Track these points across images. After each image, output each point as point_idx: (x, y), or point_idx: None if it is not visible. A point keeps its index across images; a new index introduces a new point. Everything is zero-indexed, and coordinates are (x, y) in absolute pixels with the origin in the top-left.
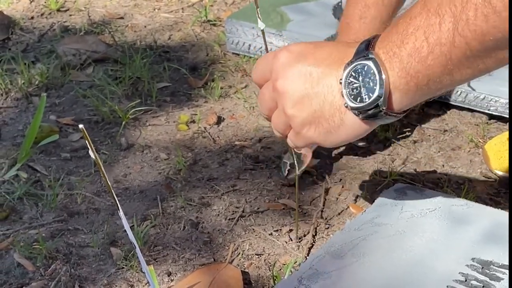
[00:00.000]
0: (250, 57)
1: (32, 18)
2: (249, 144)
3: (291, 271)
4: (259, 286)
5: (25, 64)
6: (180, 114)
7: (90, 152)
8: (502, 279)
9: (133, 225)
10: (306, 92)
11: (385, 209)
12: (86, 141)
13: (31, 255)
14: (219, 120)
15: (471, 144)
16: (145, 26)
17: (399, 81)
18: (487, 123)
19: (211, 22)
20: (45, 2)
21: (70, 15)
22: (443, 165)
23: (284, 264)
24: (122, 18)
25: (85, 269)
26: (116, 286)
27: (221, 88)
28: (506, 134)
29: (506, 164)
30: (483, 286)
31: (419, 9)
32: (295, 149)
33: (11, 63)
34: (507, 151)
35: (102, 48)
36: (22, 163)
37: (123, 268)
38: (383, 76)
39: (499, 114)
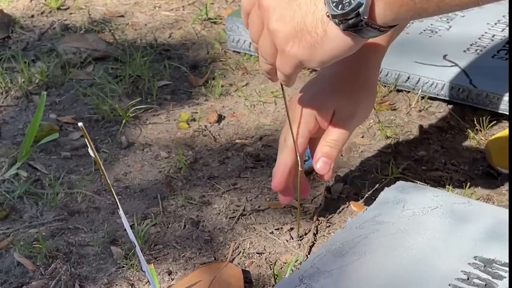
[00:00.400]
0: (251, 55)
1: (32, 16)
2: (250, 142)
3: (292, 269)
4: (260, 285)
5: (25, 62)
6: (181, 113)
7: (90, 151)
8: (505, 277)
9: (134, 224)
10: (288, 4)
11: (386, 207)
12: (86, 139)
13: (31, 254)
14: (220, 118)
15: (473, 141)
16: (145, 24)
17: None
18: (489, 120)
19: (211, 20)
20: (45, 1)
21: (71, 14)
22: (445, 163)
23: (285, 263)
24: (122, 16)
25: (86, 268)
26: (116, 285)
27: (222, 86)
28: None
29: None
30: (485, 285)
31: None
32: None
33: (11, 61)
34: None
35: (102, 46)
36: (22, 162)
37: (123, 267)
38: None
39: (502, 112)
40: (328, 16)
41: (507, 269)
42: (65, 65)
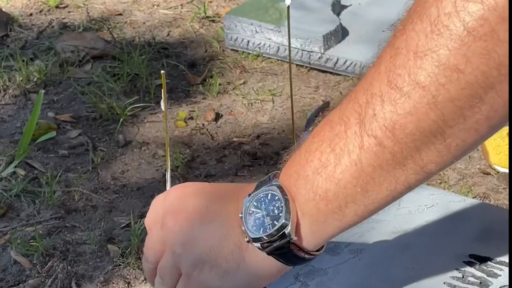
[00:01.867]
0: (249, 54)
1: (31, 15)
2: (247, 140)
3: None
4: None
5: (23, 61)
6: (178, 111)
7: (162, 103)
8: (500, 275)
9: (130, 222)
10: (201, 227)
11: None
12: (162, 90)
13: (28, 253)
14: (217, 116)
15: None
16: (144, 23)
17: (307, 205)
18: None
19: (210, 19)
20: None
21: (69, 12)
22: None
23: None
24: (121, 14)
25: (82, 266)
26: (113, 283)
27: (220, 84)
28: (506, 129)
29: (505, 159)
30: (480, 283)
31: (322, 124)
32: None
33: (10, 60)
34: (507, 146)
35: (100, 44)
36: (19, 160)
37: (120, 265)
38: (289, 200)
39: None
40: (248, 241)
41: (502, 267)
42: (63, 63)
